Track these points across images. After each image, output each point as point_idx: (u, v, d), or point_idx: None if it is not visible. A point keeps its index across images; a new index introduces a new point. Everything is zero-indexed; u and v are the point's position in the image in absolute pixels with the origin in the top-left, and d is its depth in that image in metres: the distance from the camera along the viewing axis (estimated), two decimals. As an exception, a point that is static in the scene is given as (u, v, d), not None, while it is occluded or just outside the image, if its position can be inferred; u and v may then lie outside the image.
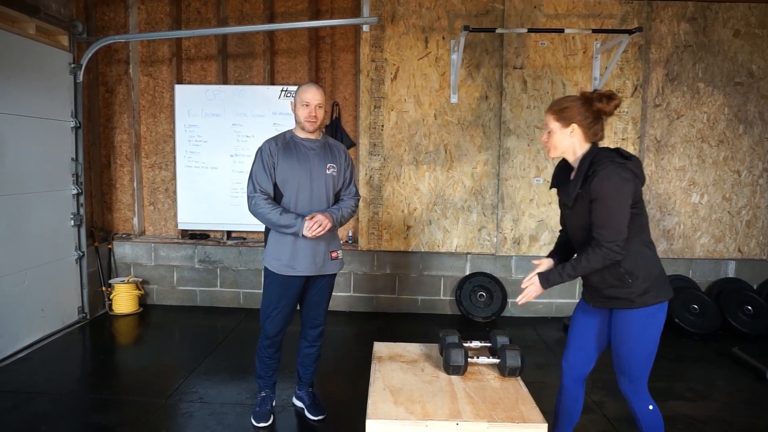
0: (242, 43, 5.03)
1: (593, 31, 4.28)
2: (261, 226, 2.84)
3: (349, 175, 2.91)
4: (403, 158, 4.77)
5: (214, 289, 5.07)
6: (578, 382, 2.46)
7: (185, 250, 5.05)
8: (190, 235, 5.13)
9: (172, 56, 4.97)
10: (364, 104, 4.74)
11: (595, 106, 2.13)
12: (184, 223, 5.03)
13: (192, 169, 4.95)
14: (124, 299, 4.80)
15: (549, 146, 2.25)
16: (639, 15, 4.64)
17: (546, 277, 2.25)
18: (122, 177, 5.16)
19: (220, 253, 5.04)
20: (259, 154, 2.75)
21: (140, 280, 5.01)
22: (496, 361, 2.52)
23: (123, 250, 5.08)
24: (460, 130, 4.75)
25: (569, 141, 2.19)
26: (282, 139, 2.78)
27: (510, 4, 4.64)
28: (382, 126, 4.75)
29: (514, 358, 2.42)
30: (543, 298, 4.94)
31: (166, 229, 5.24)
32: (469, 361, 2.49)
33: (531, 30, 4.24)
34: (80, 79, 4.44)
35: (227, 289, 5.06)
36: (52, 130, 4.22)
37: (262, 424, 2.90)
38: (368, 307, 5.02)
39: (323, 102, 2.75)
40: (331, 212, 2.75)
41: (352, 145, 4.95)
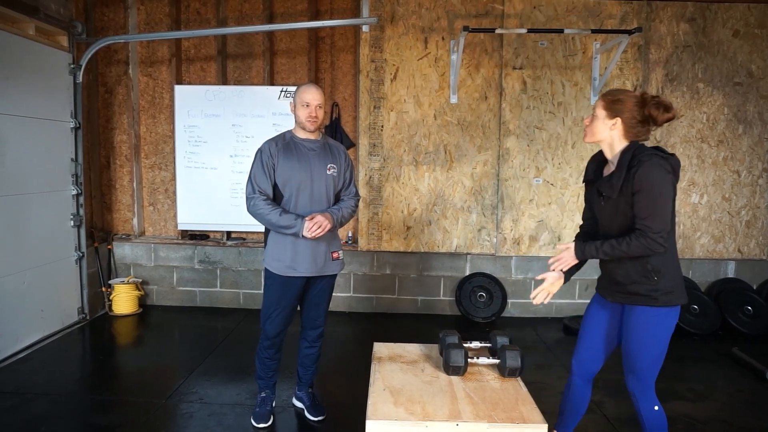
0: (242, 44, 5.03)
1: (593, 32, 4.28)
2: (261, 227, 2.84)
3: (349, 175, 2.91)
4: (403, 159, 4.77)
5: (214, 290, 5.07)
6: (586, 380, 2.49)
7: (185, 250, 5.05)
8: (190, 236, 5.13)
9: (172, 57, 4.97)
10: (363, 105, 4.74)
11: (647, 111, 2.13)
12: (183, 223, 5.03)
13: (192, 170, 4.95)
14: (123, 300, 4.80)
15: (587, 130, 2.26)
16: (638, 15, 4.64)
17: (582, 248, 2.24)
18: (122, 177, 5.16)
19: (220, 254, 5.04)
20: (258, 155, 2.74)
21: (140, 280, 5.01)
22: (496, 362, 2.52)
23: (123, 251, 5.07)
24: (459, 131, 4.75)
25: (608, 133, 2.20)
26: (282, 139, 2.78)
27: (509, 5, 4.64)
28: (382, 126, 4.75)
29: (514, 359, 2.42)
30: (543, 298, 4.94)
31: (166, 230, 5.24)
32: (469, 362, 2.49)
33: (530, 30, 4.24)
34: (80, 79, 4.44)
35: (227, 290, 5.06)
36: (52, 131, 4.22)
37: (261, 425, 2.90)
38: (368, 308, 5.02)
39: (323, 102, 2.75)
40: (332, 213, 2.75)
41: (352, 145, 4.95)
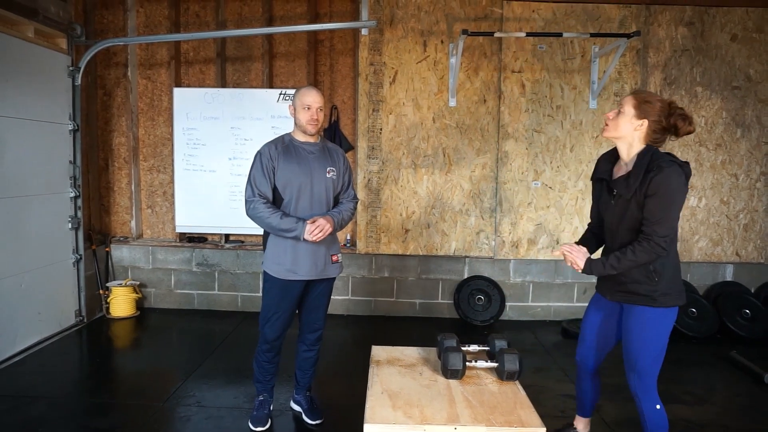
0: (241, 47, 5.03)
1: (591, 35, 4.30)
2: (259, 230, 2.84)
3: (348, 178, 2.91)
4: (402, 161, 4.78)
5: (212, 293, 5.06)
6: (589, 373, 2.60)
7: (183, 253, 5.04)
8: (188, 239, 5.12)
9: (171, 59, 4.97)
10: (362, 107, 4.74)
11: (673, 120, 2.18)
12: (182, 226, 5.02)
13: (190, 172, 4.95)
14: (121, 302, 4.79)
15: (610, 124, 2.26)
16: (637, 19, 4.65)
17: (589, 265, 2.26)
18: (120, 180, 5.16)
19: (218, 257, 5.03)
20: (258, 157, 2.74)
21: (138, 283, 5.00)
22: (495, 365, 2.51)
23: (120, 254, 5.07)
24: (458, 134, 4.75)
25: (631, 133, 2.22)
26: (281, 142, 2.78)
27: (508, 8, 4.65)
28: (381, 129, 4.75)
29: (512, 362, 2.42)
30: (541, 301, 4.95)
31: (164, 233, 5.23)
32: (467, 365, 2.48)
33: (529, 34, 4.25)
34: (78, 82, 4.44)
35: (225, 293, 5.06)
36: (50, 133, 4.22)
37: (259, 428, 2.89)
38: (366, 311, 5.02)
39: (323, 105, 2.75)
40: (332, 215, 2.75)
41: (351, 148, 4.95)
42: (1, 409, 3.05)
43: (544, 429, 2.01)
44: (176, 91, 4.90)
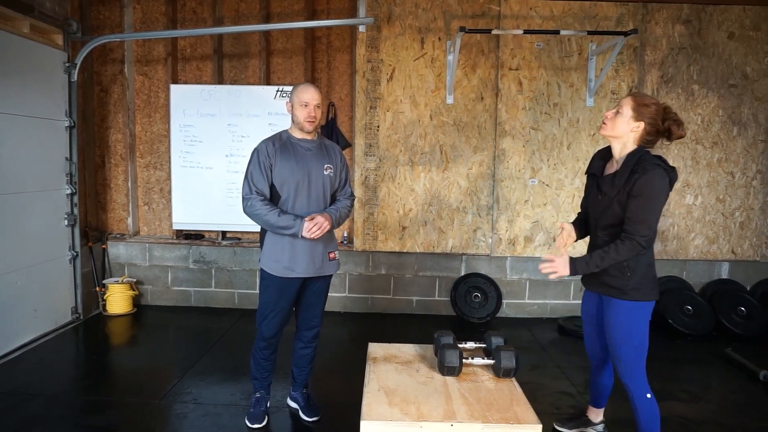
0: (238, 43, 5.02)
1: (588, 33, 4.30)
2: (256, 227, 2.83)
3: (345, 175, 2.91)
4: (399, 159, 4.77)
5: (209, 290, 5.06)
6: (599, 366, 2.69)
7: (180, 250, 5.03)
8: (185, 236, 5.11)
9: (168, 56, 4.95)
10: (359, 105, 4.74)
11: (667, 124, 2.29)
12: (178, 223, 5.02)
13: (187, 169, 4.94)
14: (118, 300, 4.78)
15: (608, 124, 2.36)
16: (634, 17, 4.66)
17: (573, 265, 2.36)
18: (117, 177, 5.14)
19: (215, 254, 5.03)
20: (255, 154, 2.73)
21: (134, 280, 4.99)
22: (491, 362, 2.52)
23: (117, 251, 5.06)
24: (455, 131, 4.75)
25: (627, 133, 2.32)
26: (279, 139, 2.77)
27: (506, 6, 4.65)
28: (378, 126, 4.75)
29: (508, 359, 2.42)
30: (537, 298, 4.96)
31: (161, 230, 5.22)
32: (463, 362, 2.49)
33: (527, 31, 4.25)
34: (75, 78, 4.42)
35: (222, 290, 5.05)
36: (47, 130, 4.20)
37: (256, 426, 2.89)
38: (363, 308, 5.02)
39: (321, 102, 2.75)
40: (330, 213, 2.75)
41: (348, 145, 4.95)
42: (-3, 406, 3.05)
43: (540, 426, 2.02)
44: (173, 88, 4.89)
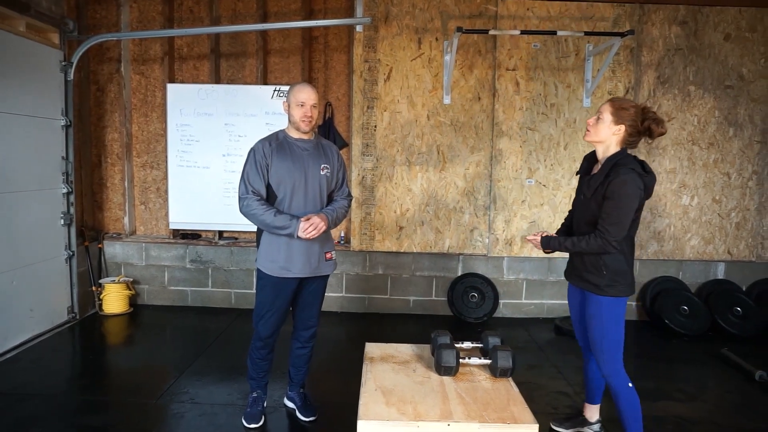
0: (235, 43, 5.01)
1: (585, 34, 4.31)
2: (253, 226, 2.83)
3: (342, 175, 2.91)
4: (396, 159, 4.78)
5: (206, 290, 5.05)
6: (591, 356, 2.74)
7: (176, 249, 5.02)
8: (182, 235, 5.10)
9: (165, 55, 4.94)
10: (357, 105, 4.74)
11: (646, 123, 2.39)
12: (175, 222, 5.01)
13: (184, 169, 4.93)
14: (114, 299, 4.77)
15: (591, 129, 2.49)
16: (631, 18, 4.67)
17: (547, 241, 2.58)
18: (113, 176, 5.13)
19: (212, 253, 5.02)
20: (252, 154, 2.73)
21: (131, 280, 4.98)
22: (488, 362, 2.53)
23: (113, 250, 5.04)
24: (452, 131, 4.75)
25: (610, 137, 2.43)
26: (275, 139, 2.77)
27: (503, 6, 4.65)
28: (375, 126, 4.75)
29: (505, 359, 2.43)
30: (534, 299, 4.97)
31: (157, 229, 5.21)
32: (460, 362, 2.50)
33: (524, 32, 4.26)
34: (71, 77, 4.41)
35: (219, 290, 5.04)
36: (43, 129, 4.19)
37: (253, 425, 2.89)
38: (360, 308, 5.02)
39: (317, 101, 2.74)
40: (327, 213, 2.74)
41: (345, 145, 4.95)
42: (-7, 406, 3.04)
43: (537, 425, 2.03)
44: (170, 87, 4.88)
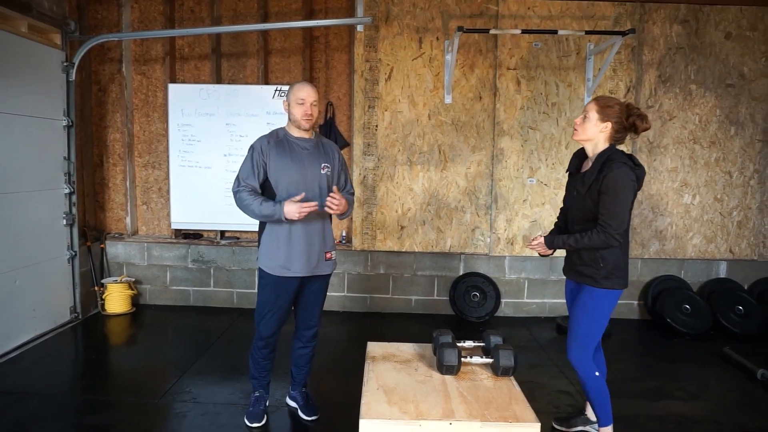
0: (236, 43, 5.02)
1: (586, 33, 4.30)
2: (255, 226, 2.84)
3: (344, 174, 2.93)
4: (397, 158, 4.78)
5: (208, 289, 5.06)
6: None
7: (178, 249, 5.03)
8: (184, 235, 5.11)
9: (166, 55, 4.95)
10: (358, 104, 4.74)
11: (632, 120, 2.46)
12: (177, 222, 5.01)
13: (185, 169, 4.93)
14: (116, 299, 4.78)
15: (579, 129, 2.54)
16: (632, 17, 4.66)
17: (551, 240, 2.62)
18: (115, 176, 5.14)
19: (214, 253, 5.03)
20: (250, 151, 2.74)
21: (133, 279, 4.98)
22: (490, 361, 2.53)
23: (116, 250, 5.05)
24: (454, 131, 4.75)
25: (597, 134, 2.50)
26: (275, 136, 2.77)
27: (504, 6, 4.65)
28: (376, 126, 4.75)
29: (507, 358, 2.43)
30: (536, 298, 4.97)
31: (159, 229, 5.22)
32: (462, 361, 2.50)
33: (524, 31, 4.25)
34: (73, 77, 4.42)
35: (220, 289, 5.05)
36: (44, 129, 4.19)
37: (255, 425, 2.89)
38: (362, 307, 5.02)
39: (317, 100, 2.74)
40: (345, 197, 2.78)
41: (346, 145, 4.95)
42: (-4, 406, 3.05)
43: (539, 424, 2.03)
44: (171, 87, 4.88)
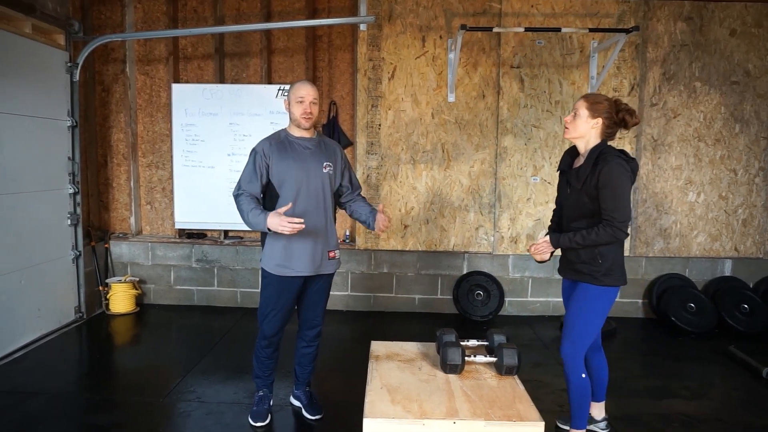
0: (239, 42, 5.02)
1: (590, 30, 4.28)
2: (258, 225, 2.84)
3: (349, 173, 2.94)
4: (401, 157, 4.77)
5: (212, 289, 5.07)
6: (593, 349, 2.74)
7: (182, 249, 5.04)
8: (187, 235, 5.12)
9: (169, 55, 4.96)
10: (361, 103, 4.74)
11: (621, 115, 2.48)
12: (181, 222, 5.02)
13: (189, 168, 4.94)
14: (121, 299, 4.79)
15: (569, 127, 2.55)
16: (636, 14, 4.64)
17: (556, 239, 2.56)
18: (119, 176, 5.15)
19: (218, 253, 5.04)
20: (252, 155, 2.73)
21: (137, 279, 5.00)
22: (493, 360, 2.52)
23: (120, 250, 5.07)
24: (457, 129, 4.75)
25: (588, 131, 2.51)
26: (276, 138, 2.77)
27: (507, 4, 4.64)
28: (380, 125, 4.75)
29: (511, 357, 2.43)
30: (540, 296, 4.96)
31: (163, 229, 5.23)
32: (466, 360, 2.49)
33: (528, 29, 4.24)
34: (77, 77, 4.43)
35: (224, 289, 5.06)
36: (49, 129, 4.21)
37: (259, 424, 2.90)
38: (365, 306, 5.03)
39: (317, 98, 2.73)
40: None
41: (350, 144, 4.95)
42: (1, 406, 3.06)
43: (543, 423, 2.02)
44: (175, 87, 4.89)
